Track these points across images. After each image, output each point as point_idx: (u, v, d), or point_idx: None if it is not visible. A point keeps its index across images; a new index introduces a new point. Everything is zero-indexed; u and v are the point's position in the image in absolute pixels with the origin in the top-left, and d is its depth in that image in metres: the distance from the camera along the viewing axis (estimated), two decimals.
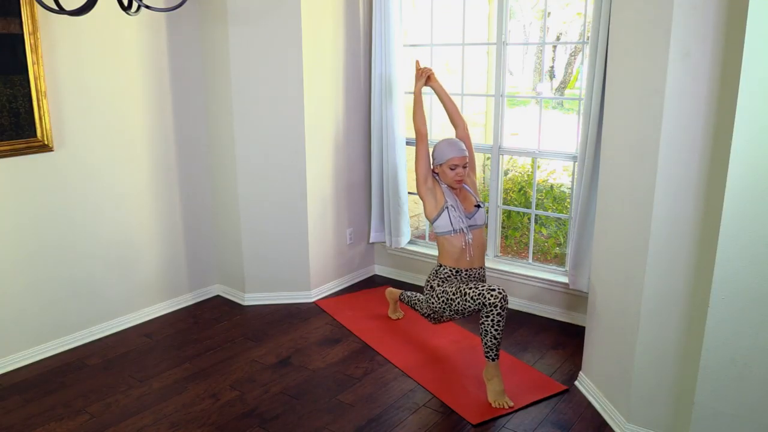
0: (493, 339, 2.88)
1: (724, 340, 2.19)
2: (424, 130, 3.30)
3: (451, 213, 3.13)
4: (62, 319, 3.46)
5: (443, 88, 3.40)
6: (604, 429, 2.76)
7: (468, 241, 3.14)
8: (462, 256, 3.15)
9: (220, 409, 2.91)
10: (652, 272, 2.45)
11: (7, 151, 3.10)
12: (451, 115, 3.38)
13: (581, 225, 3.52)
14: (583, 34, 4.19)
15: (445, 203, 3.15)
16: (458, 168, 3.14)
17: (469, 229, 3.15)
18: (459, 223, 3.13)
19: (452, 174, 3.14)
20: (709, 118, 2.22)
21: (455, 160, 3.13)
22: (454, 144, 3.18)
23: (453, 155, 3.13)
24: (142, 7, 2.20)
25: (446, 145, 3.18)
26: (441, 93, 3.40)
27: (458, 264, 3.16)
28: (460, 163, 3.14)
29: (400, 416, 2.87)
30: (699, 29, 2.18)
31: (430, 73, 3.40)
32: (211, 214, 4.17)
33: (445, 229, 3.14)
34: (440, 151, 3.18)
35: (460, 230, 3.13)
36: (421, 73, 3.40)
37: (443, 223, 3.14)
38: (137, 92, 3.62)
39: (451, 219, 3.12)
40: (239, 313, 3.99)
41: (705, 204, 2.27)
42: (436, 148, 3.21)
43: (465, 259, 3.16)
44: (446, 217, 3.13)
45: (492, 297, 2.86)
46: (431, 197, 3.18)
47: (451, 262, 3.17)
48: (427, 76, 3.39)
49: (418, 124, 3.31)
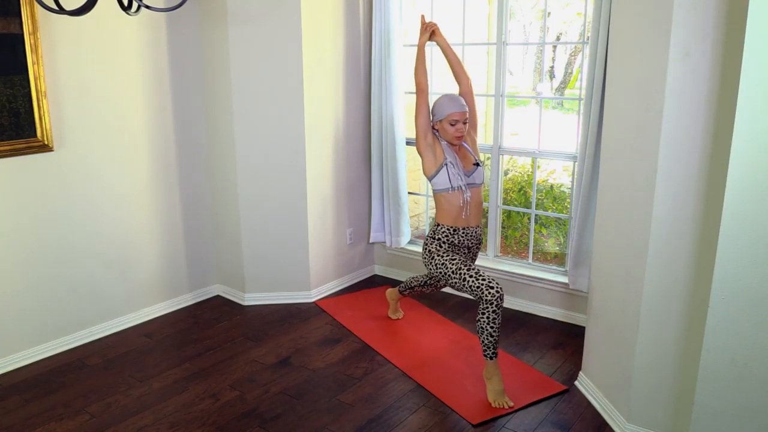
0: (490, 337, 2.88)
1: (724, 340, 2.18)
2: (425, 84, 3.20)
3: (450, 170, 3.07)
4: (62, 319, 3.47)
5: (448, 43, 3.30)
6: (604, 429, 2.76)
7: (466, 199, 3.10)
8: (459, 214, 3.11)
9: (220, 409, 2.91)
10: (652, 272, 2.45)
11: (7, 151, 3.10)
12: (455, 71, 3.30)
13: (581, 225, 3.52)
14: (583, 34, 4.19)
15: (444, 160, 3.09)
16: (458, 123, 3.07)
17: (467, 187, 3.11)
18: (457, 181, 3.08)
19: (452, 130, 3.08)
20: (709, 118, 2.22)
21: (455, 115, 3.06)
22: (454, 99, 3.11)
23: (453, 110, 3.06)
24: (142, 7, 2.20)
25: (446, 101, 3.11)
26: (445, 48, 3.30)
27: (456, 222, 3.12)
28: (461, 119, 3.07)
29: (400, 416, 2.87)
30: (699, 29, 2.18)
31: (435, 28, 3.29)
32: (211, 214, 4.17)
33: (444, 186, 3.09)
34: (440, 107, 3.11)
35: (458, 188, 3.08)
36: (425, 27, 3.30)
37: (442, 180, 3.09)
38: (137, 92, 3.62)
39: (450, 176, 3.07)
40: (239, 313, 3.99)
41: (705, 204, 2.27)
42: (436, 104, 3.14)
43: (462, 218, 3.12)
44: (445, 174, 3.08)
45: (489, 294, 2.86)
46: (430, 153, 3.12)
47: (448, 220, 3.12)
48: (431, 31, 3.29)
49: (419, 78, 3.22)
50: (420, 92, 3.18)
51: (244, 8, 3.70)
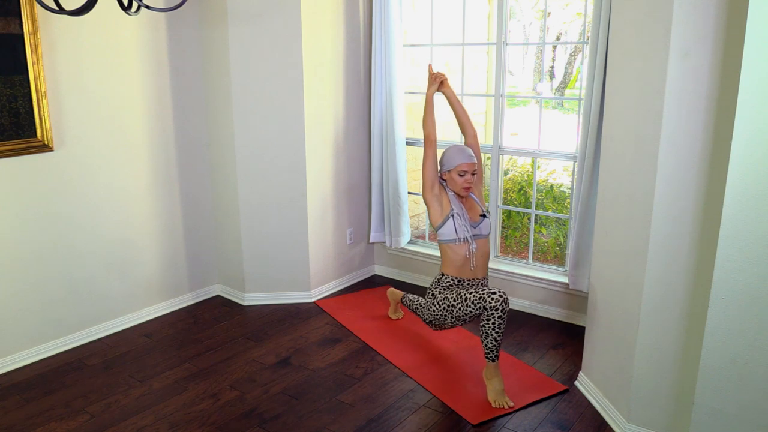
0: (494, 341, 2.88)
1: (724, 340, 2.18)
2: (433, 135, 3.24)
3: (456, 221, 3.11)
4: (62, 319, 3.47)
5: (455, 95, 3.35)
6: (604, 429, 2.76)
7: (472, 250, 3.12)
8: (465, 265, 3.14)
9: (220, 409, 2.91)
10: (652, 272, 2.45)
11: (7, 151, 3.10)
12: (462, 123, 3.34)
13: (581, 225, 3.52)
14: (583, 34, 4.19)
15: (450, 211, 3.13)
16: (467, 175, 3.12)
17: (473, 239, 3.13)
18: (464, 232, 3.11)
19: (461, 180, 3.12)
20: (709, 118, 2.22)
21: (464, 166, 3.11)
22: (463, 150, 3.15)
23: (462, 161, 3.11)
24: (142, 7, 2.20)
25: (456, 152, 3.15)
26: (452, 99, 3.35)
27: (461, 273, 3.15)
28: (469, 170, 3.12)
29: (400, 416, 2.87)
30: (699, 29, 2.18)
31: (443, 79, 3.33)
32: (211, 214, 4.17)
33: (449, 237, 3.13)
34: (449, 157, 3.16)
35: (464, 239, 3.11)
36: (434, 78, 3.33)
37: (448, 231, 3.12)
38: (137, 92, 3.62)
39: (456, 227, 3.11)
40: (239, 313, 3.99)
41: (705, 204, 2.27)
42: (446, 154, 3.19)
43: (468, 269, 3.14)
44: (451, 225, 3.11)
45: (493, 300, 2.85)
46: (437, 204, 3.16)
47: (453, 271, 3.15)
48: (440, 82, 3.32)
49: (428, 129, 3.25)
50: (428, 143, 3.22)
51: (244, 8, 3.70)
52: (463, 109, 3.35)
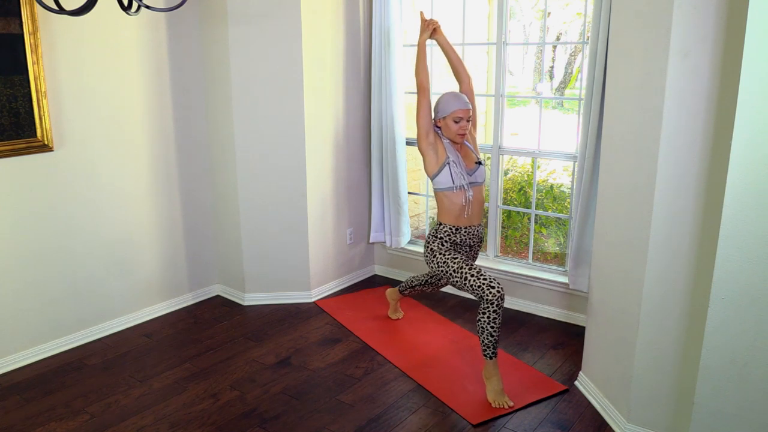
0: (490, 336, 2.88)
1: (724, 340, 2.18)
2: (426, 83, 3.18)
3: (452, 169, 3.07)
4: (62, 319, 3.47)
5: (448, 42, 3.29)
6: (604, 429, 2.76)
7: (468, 197, 3.09)
8: (461, 213, 3.11)
9: (220, 409, 2.91)
10: (652, 272, 2.45)
11: (7, 151, 3.10)
12: (456, 69, 3.29)
13: (581, 225, 3.52)
14: (583, 34, 4.19)
15: (446, 159, 3.08)
16: (462, 121, 3.07)
17: (469, 186, 3.10)
18: (460, 180, 3.07)
19: (456, 127, 3.07)
20: (709, 118, 2.22)
21: (459, 112, 3.06)
22: (458, 96, 3.10)
23: (457, 107, 3.06)
24: (142, 7, 2.20)
25: (450, 98, 3.10)
26: (446, 46, 3.29)
27: (458, 221, 3.12)
28: (464, 116, 3.07)
29: (400, 416, 2.87)
30: (699, 29, 2.18)
31: (436, 26, 3.25)
32: (211, 214, 4.17)
33: (446, 185, 3.09)
34: (444, 104, 3.10)
35: (460, 186, 3.08)
36: (426, 24, 3.27)
37: (444, 179, 3.08)
38: (137, 92, 3.62)
39: (453, 175, 3.07)
40: (239, 313, 3.99)
41: (705, 204, 2.27)
42: (440, 101, 3.14)
43: (464, 217, 3.12)
44: (447, 173, 3.07)
45: (490, 294, 2.86)
46: (432, 152, 3.11)
47: (450, 219, 3.12)
48: (432, 29, 3.26)
49: (420, 77, 3.19)
50: (421, 91, 3.16)
51: (244, 8, 3.70)
52: (458, 56, 3.31)
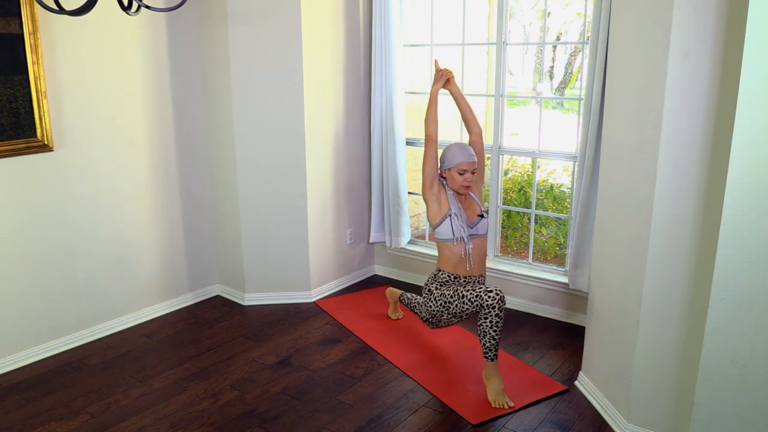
0: (492, 340, 2.88)
1: (724, 340, 2.19)
2: (435, 134, 3.22)
3: (453, 221, 3.12)
4: (62, 319, 3.46)
5: (461, 93, 3.32)
6: (604, 429, 2.76)
7: (468, 250, 3.13)
8: (461, 263, 3.15)
9: (220, 409, 2.91)
10: (652, 272, 2.45)
11: (7, 151, 3.10)
12: (467, 121, 3.31)
13: (581, 225, 3.52)
14: (583, 34, 4.19)
15: (448, 210, 3.13)
16: (467, 173, 3.12)
17: (470, 239, 3.14)
18: (460, 232, 3.12)
19: (460, 179, 3.12)
20: (709, 118, 2.22)
21: (464, 165, 3.11)
22: (464, 148, 3.15)
23: (462, 160, 3.11)
24: (142, 7, 2.20)
25: (456, 149, 3.15)
26: (458, 97, 3.31)
27: (457, 271, 3.16)
28: (469, 169, 3.12)
29: (400, 416, 2.87)
30: (699, 29, 2.18)
31: (450, 76, 3.30)
32: (211, 214, 4.17)
33: (446, 237, 3.14)
34: (450, 155, 3.15)
35: (460, 239, 3.12)
36: (440, 74, 3.29)
37: (445, 230, 3.13)
38: (137, 92, 3.62)
39: (453, 227, 3.11)
40: (239, 313, 3.99)
41: (705, 204, 2.27)
42: (446, 152, 3.19)
43: (464, 268, 3.16)
44: (448, 224, 3.12)
45: (489, 299, 2.86)
46: (435, 203, 3.16)
47: (449, 268, 3.17)
48: (446, 79, 3.29)
49: (429, 128, 3.23)
50: (429, 141, 3.21)
51: (244, 8, 3.70)
52: (469, 106, 3.32)
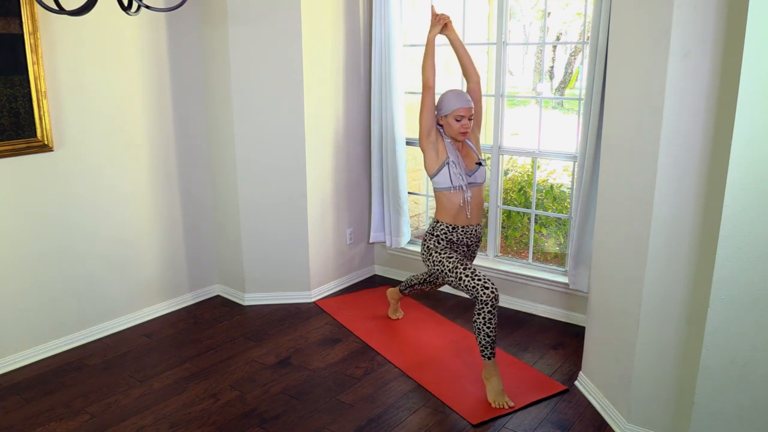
0: (487, 337, 2.88)
1: (724, 340, 2.19)
2: (432, 81, 3.14)
3: (451, 169, 3.06)
4: (62, 319, 3.46)
5: (459, 39, 3.24)
6: (604, 429, 2.76)
7: (467, 198, 3.08)
8: (460, 213, 3.11)
9: (220, 409, 2.91)
10: (652, 272, 2.45)
11: (7, 151, 3.10)
12: (465, 67, 3.25)
13: (581, 225, 3.52)
14: (583, 34, 4.19)
15: (446, 158, 3.07)
16: (464, 119, 3.05)
17: (468, 187, 3.09)
18: (459, 180, 3.06)
19: (457, 125, 3.05)
20: (708, 118, 2.22)
21: (461, 110, 3.04)
22: (460, 94, 3.08)
23: (459, 105, 3.04)
24: (142, 7, 2.20)
25: (453, 96, 3.08)
26: (456, 43, 3.23)
27: (456, 221, 3.12)
28: (466, 115, 3.04)
29: (400, 416, 2.87)
30: (699, 29, 2.18)
31: (447, 20, 3.17)
32: (211, 214, 4.17)
33: (444, 185, 3.08)
34: (446, 102, 3.08)
35: (459, 187, 3.07)
36: (437, 19, 3.17)
37: (443, 179, 3.07)
38: (137, 92, 3.62)
39: (451, 175, 3.06)
40: (239, 313, 3.99)
41: (705, 204, 2.27)
42: (442, 99, 3.11)
43: (463, 216, 3.11)
44: (446, 173, 3.06)
45: (484, 295, 2.86)
46: (433, 151, 3.09)
47: (448, 218, 3.12)
48: (444, 23, 3.19)
49: (426, 74, 3.14)
50: (426, 88, 3.12)
51: (244, 8, 3.70)
52: (467, 53, 3.25)
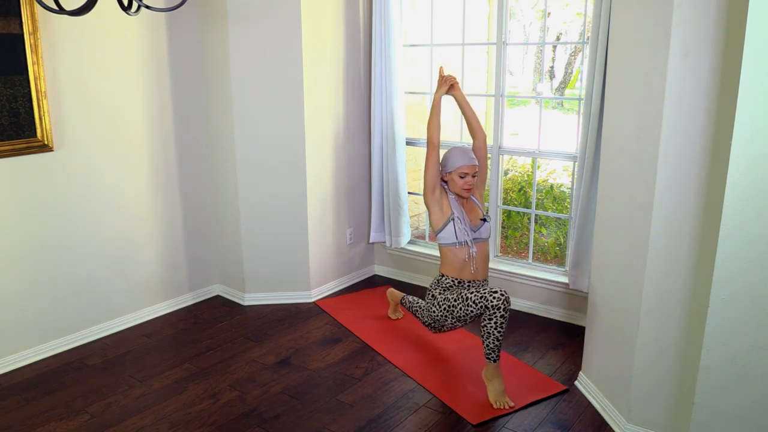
0: (496, 341, 2.88)
1: (724, 340, 2.18)
2: (436, 139, 3.22)
3: (456, 225, 3.11)
4: (62, 319, 3.46)
5: (465, 98, 3.31)
6: (604, 429, 2.76)
7: (472, 254, 3.13)
8: (465, 268, 3.14)
9: (220, 409, 2.91)
10: (652, 272, 2.45)
11: (7, 151, 3.10)
12: (471, 125, 3.31)
13: (581, 225, 3.52)
14: (583, 34, 4.19)
15: (451, 215, 3.13)
16: (467, 177, 3.12)
17: (473, 242, 3.14)
18: (464, 236, 3.11)
19: (461, 182, 3.12)
20: (709, 118, 2.22)
21: (465, 168, 3.11)
22: (465, 152, 3.15)
23: (463, 163, 3.11)
24: (142, 7, 2.20)
25: (457, 153, 3.15)
26: (463, 103, 3.31)
27: (461, 275, 3.16)
28: (470, 172, 3.12)
29: (400, 416, 2.87)
30: (699, 29, 2.18)
31: (453, 82, 3.27)
32: (211, 214, 4.17)
33: (450, 241, 3.13)
34: (451, 159, 3.16)
35: (464, 243, 3.12)
36: (444, 80, 3.28)
37: (448, 234, 3.12)
38: (137, 92, 3.62)
39: (456, 231, 3.11)
40: (239, 313, 3.99)
41: (705, 204, 2.27)
42: (447, 156, 3.19)
43: (468, 271, 3.15)
44: (451, 229, 3.11)
45: (494, 299, 2.85)
46: (437, 207, 3.16)
47: (453, 272, 3.16)
48: (450, 85, 3.27)
49: (431, 132, 3.22)
50: (431, 146, 3.20)
51: (244, 8, 3.70)
52: (473, 112, 3.32)
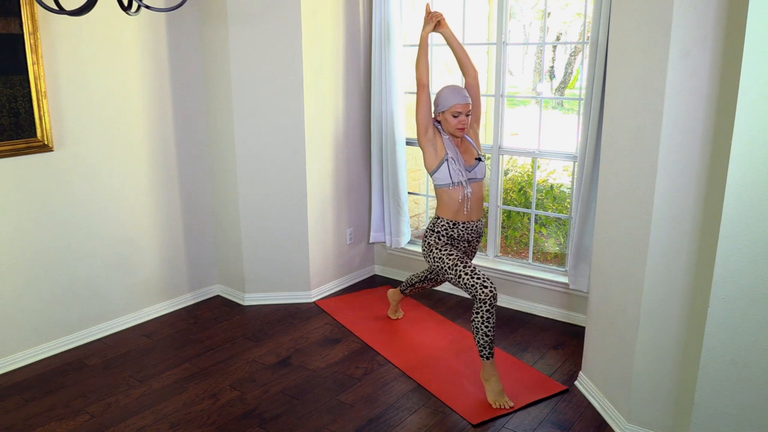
0: (485, 336, 2.88)
1: (724, 341, 2.18)
2: (425, 78, 3.14)
3: (450, 165, 3.05)
4: (62, 319, 3.46)
5: (454, 35, 3.23)
6: (604, 429, 2.76)
7: (467, 194, 3.08)
8: (460, 209, 3.10)
9: (220, 409, 2.91)
10: (652, 272, 2.45)
11: (7, 151, 3.10)
12: (462, 63, 3.24)
13: (581, 225, 3.52)
14: (583, 34, 4.20)
15: (445, 155, 3.06)
16: (461, 115, 3.03)
17: (468, 183, 3.09)
18: (458, 176, 3.06)
19: (454, 122, 3.04)
20: (709, 118, 2.22)
21: (458, 107, 3.02)
22: (457, 90, 3.07)
23: (456, 102, 3.02)
24: (142, 7, 2.20)
25: (449, 92, 3.07)
26: (451, 39, 3.22)
27: (456, 217, 3.11)
28: (463, 111, 3.03)
29: (400, 416, 2.87)
30: (699, 29, 2.18)
31: (440, 18, 3.17)
32: (211, 214, 4.17)
33: (444, 182, 3.07)
34: (443, 98, 3.07)
35: (458, 183, 3.06)
36: (430, 17, 3.18)
37: (442, 175, 3.06)
38: (137, 92, 3.62)
39: (451, 172, 3.05)
40: (239, 313, 3.99)
41: (705, 204, 2.27)
42: (439, 95, 3.10)
43: (463, 212, 3.11)
44: (445, 169, 3.05)
45: (482, 294, 2.86)
46: (431, 148, 3.09)
47: (449, 214, 3.12)
48: (437, 21, 3.17)
49: (420, 72, 3.14)
50: (420, 87, 3.13)
51: (244, 8, 3.70)
52: (463, 49, 3.24)
